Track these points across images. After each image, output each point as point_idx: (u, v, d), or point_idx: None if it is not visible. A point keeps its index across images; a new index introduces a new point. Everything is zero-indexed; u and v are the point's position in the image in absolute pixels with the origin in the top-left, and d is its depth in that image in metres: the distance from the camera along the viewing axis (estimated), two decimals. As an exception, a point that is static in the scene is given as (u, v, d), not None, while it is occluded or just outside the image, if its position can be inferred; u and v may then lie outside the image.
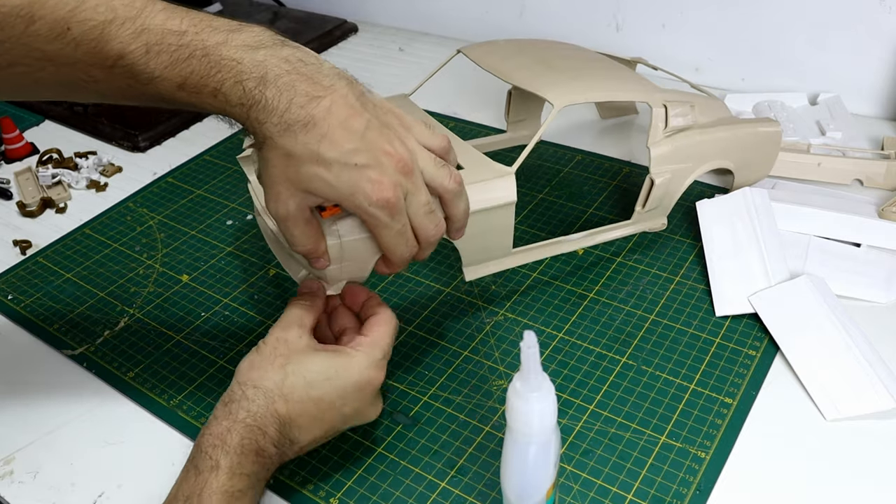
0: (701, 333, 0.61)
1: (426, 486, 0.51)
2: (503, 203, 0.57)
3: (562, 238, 0.65)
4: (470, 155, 0.60)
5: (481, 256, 0.61)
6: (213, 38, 0.43)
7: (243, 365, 0.49)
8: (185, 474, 0.45)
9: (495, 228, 0.59)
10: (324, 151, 0.43)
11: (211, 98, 0.43)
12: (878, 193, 0.72)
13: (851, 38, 0.84)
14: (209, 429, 0.46)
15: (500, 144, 0.83)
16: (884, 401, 0.53)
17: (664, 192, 0.65)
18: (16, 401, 0.60)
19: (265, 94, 0.43)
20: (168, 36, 0.42)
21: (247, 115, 0.43)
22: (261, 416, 0.46)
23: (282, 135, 0.43)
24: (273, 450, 0.47)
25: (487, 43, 0.72)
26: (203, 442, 0.46)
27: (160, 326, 0.66)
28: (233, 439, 0.45)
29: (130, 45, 0.42)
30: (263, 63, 0.43)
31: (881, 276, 0.63)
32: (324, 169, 0.44)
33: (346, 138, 0.44)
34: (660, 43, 0.96)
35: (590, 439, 0.53)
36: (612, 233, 0.68)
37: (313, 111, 0.43)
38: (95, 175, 0.87)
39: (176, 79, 0.43)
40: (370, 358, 0.50)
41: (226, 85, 0.43)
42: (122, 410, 0.59)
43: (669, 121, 0.63)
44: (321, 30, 1.15)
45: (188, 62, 0.42)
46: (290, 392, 0.47)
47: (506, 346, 0.61)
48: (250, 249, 0.73)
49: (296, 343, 0.50)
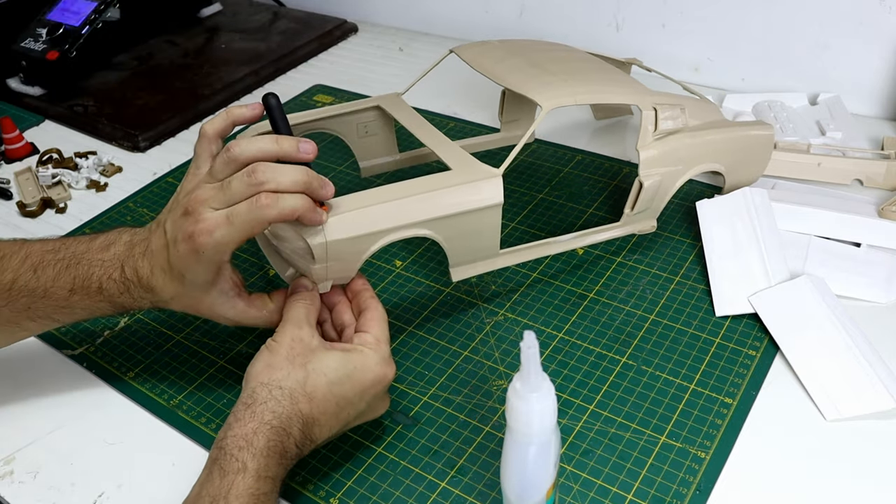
0: (701, 333, 0.61)
1: (426, 486, 0.51)
2: (490, 204, 0.57)
3: (550, 240, 0.65)
4: (457, 155, 0.60)
5: (468, 257, 0.61)
6: (79, 248, 0.53)
7: (258, 366, 0.49)
8: (209, 475, 0.45)
9: (482, 230, 0.59)
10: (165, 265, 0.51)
11: (99, 296, 0.52)
12: (878, 193, 0.72)
13: (851, 38, 0.84)
14: (232, 430, 0.46)
15: (494, 144, 0.83)
16: (884, 401, 0.53)
17: (653, 194, 0.65)
18: (16, 401, 0.60)
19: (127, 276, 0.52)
20: (46, 255, 0.53)
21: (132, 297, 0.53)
22: (286, 417, 0.46)
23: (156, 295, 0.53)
24: (295, 450, 0.47)
25: (480, 43, 0.72)
26: (227, 444, 0.45)
27: (160, 326, 0.66)
28: (259, 441, 0.45)
29: (20, 269, 0.53)
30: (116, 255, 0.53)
31: (881, 276, 0.63)
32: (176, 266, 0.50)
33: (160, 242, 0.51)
34: (660, 43, 0.96)
35: (590, 439, 0.53)
36: (600, 235, 0.67)
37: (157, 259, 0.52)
38: (95, 175, 0.87)
39: (65, 286, 0.52)
40: (381, 354, 0.51)
41: (103, 281, 0.52)
42: (122, 410, 0.59)
43: (659, 124, 0.63)
44: (321, 30, 1.15)
45: (68, 271, 0.52)
46: (313, 391, 0.48)
47: (506, 346, 0.61)
48: (250, 249, 0.73)
49: (310, 342, 0.50)
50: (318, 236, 0.51)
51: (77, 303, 0.53)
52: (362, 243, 0.53)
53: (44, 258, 0.53)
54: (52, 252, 0.53)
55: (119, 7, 1.11)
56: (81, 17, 1.03)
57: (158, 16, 1.18)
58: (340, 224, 0.52)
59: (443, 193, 0.56)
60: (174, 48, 1.13)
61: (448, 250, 0.59)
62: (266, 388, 0.48)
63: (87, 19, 1.02)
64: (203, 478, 0.45)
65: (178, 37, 1.16)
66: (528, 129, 0.84)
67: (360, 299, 0.55)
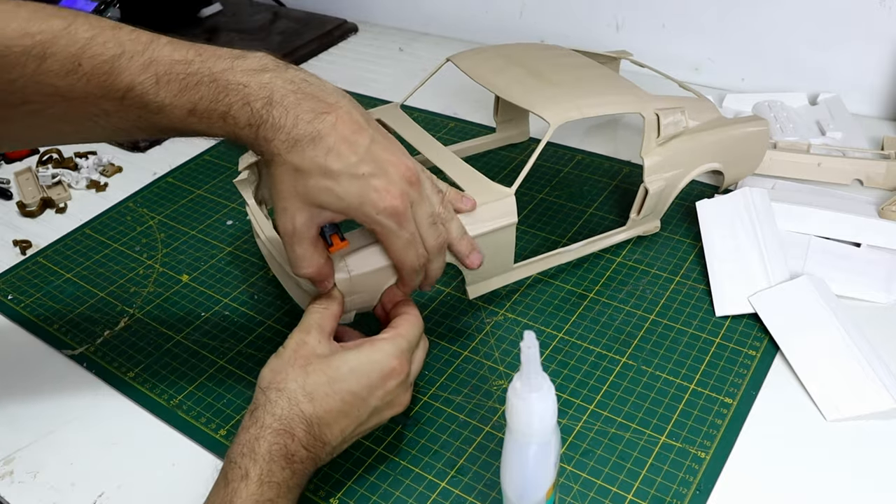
0: (701, 333, 0.61)
1: (426, 486, 0.51)
2: (504, 225, 0.58)
3: (561, 249, 0.67)
4: (470, 176, 0.60)
5: (484, 274, 0.63)
6: (219, 65, 0.45)
7: (265, 372, 0.49)
8: (216, 485, 0.45)
9: (497, 248, 0.60)
10: (330, 164, 0.45)
11: (221, 122, 0.45)
12: (878, 193, 0.72)
13: (851, 38, 0.84)
14: (238, 438, 0.46)
15: (491, 145, 0.84)
16: (884, 401, 0.53)
17: (658, 198, 0.66)
18: (16, 401, 0.60)
19: (272, 114, 0.44)
20: (176, 66, 0.44)
21: (255, 135, 0.45)
22: (287, 419, 0.46)
23: (290, 151, 0.45)
24: (304, 453, 0.46)
25: (476, 51, 0.71)
26: (232, 452, 0.45)
27: (160, 326, 0.66)
28: (261, 447, 0.44)
29: (140, 76, 0.44)
30: (269, 85, 0.45)
31: (881, 276, 0.63)
32: (331, 181, 0.45)
33: (351, 151, 0.45)
34: (660, 43, 0.96)
35: (590, 439, 0.53)
36: (609, 239, 0.69)
37: (319, 126, 0.45)
38: (95, 175, 0.87)
39: (186, 105, 0.44)
40: (395, 347, 0.50)
41: (234, 108, 0.44)
42: (122, 410, 0.59)
43: (661, 130, 0.63)
44: (321, 30, 1.15)
45: (196, 89, 0.44)
46: (313, 390, 0.47)
47: (506, 346, 0.61)
48: (250, 249, 0.73)
49: (315, 346, 0.49)
50: (342, 272, 0.52)
51: (193, 124, 0.45)
52: (384, 274, 0.54)
53: (172, 69, 0.44)
54: (183, 63, 0.45)
55: (119, 7, 1.11)
56: (81, 17, 1.03)
57: (158, 16, 1.18)
58: (363, 258, 0.53)
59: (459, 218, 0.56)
60: (174, 48, 1.13)
61: (465, 270, 0.60)
62: (266, 392, 0.47)
63: (87, 19, 1.02)
64: (212, 490, 0.45)
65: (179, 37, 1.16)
66: (524, 127, 0.85)
67: (399, 307, 0.54)
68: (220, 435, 0.56)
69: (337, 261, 0.52)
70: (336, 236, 0.51)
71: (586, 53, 0.76)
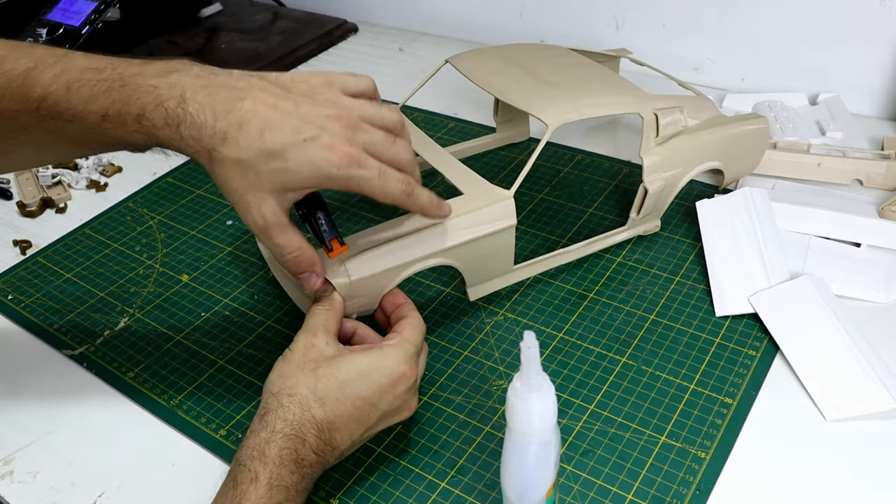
0: (701, 333, 0.61)
1: (426, 486, 0.51)
2: (504, 227, 0.58)
3: (561, 250, 0.67)
4: (469, 179, 0.61)
5: (484, 277, 0.63)
6: (129, 70, 0.45)
7: (273, 376, 0.49)
8: (224, 486, 0.45)
9: (497, 250, 0.60)
10: (270, 143, 0.44)
11: (136, 125, 0.45)
12: (878, 193, 0.72)
13: (851, 38, 0.84)
14: (247, 441, 0.46)
15: (491, 145, 0.84)
16: (884, 401, 0.53)
17: (658, 198, 0.66)
18: (16, 401, 0.60)
19: (188, 111, 0.44)
20: (86, 72, 0.45)
21: (179, 135, 0.44)
22: (298, 424, 0.46)
23: (222, 145, 0.44)
24: (314, 457, 0.46)
25: (474, 52, 0.71)
26: (241, 454, 0.45)
27: (160, 326, 0.66)
28: (271, 451, 0.44)
29: (52, 85, 0.44)
30: (178, 84, 0.44)
31: (881, 276, 0.63)
32: (280, 160, 0.44)
33: (284, 122, 0.44)
34: (660, 43, 0.96)
35: (590, 439, 0.53)
36: (609, 240, 0.69)
37: (240, 113, 0.44)
38: (95, 175, 0.87)
39: (98, 111, 0.45)
40: (403, 352, 0.50)
41: (147, 109, 0.44)
42: (122, 410, 0.59)
43: (661, 129, 0.63)
44: (321, 30, 1.15)
45: (108, 94, 0.44)
46: (324, 395, 0.47)
47: (506, 346, 0.61)
48: (250, 249, 0.73)
49: (323, 349, 0.49)
50: (342, 276, 0.52)
51: (109, 130, 0.45)
52: (384, 278, 0.54)
53: (83, 76, 0.45)
54: (94, 70, 0.45)
55: (119, 7, 1.11)
56: (81, 18, 1.03)
57: (158, 16, 1.18)
58: (363, 262, 0.53)
59: (458, 221, 0.56)
60: (174, 48, 1.13)
61: (465, 273, 0.60)
62: (277, 397, 0.47)
63: (88, 19, 1.02)
64: (219, 491, 0.45)
65: (178, 37, 1.16)
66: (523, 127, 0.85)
67: (400, 311, 0.54)
68: (220, 435, 0.56)
69: (337, 265, 0.52)
70: (336, 241, 0.51)
71: (586, 53, 0.76)
